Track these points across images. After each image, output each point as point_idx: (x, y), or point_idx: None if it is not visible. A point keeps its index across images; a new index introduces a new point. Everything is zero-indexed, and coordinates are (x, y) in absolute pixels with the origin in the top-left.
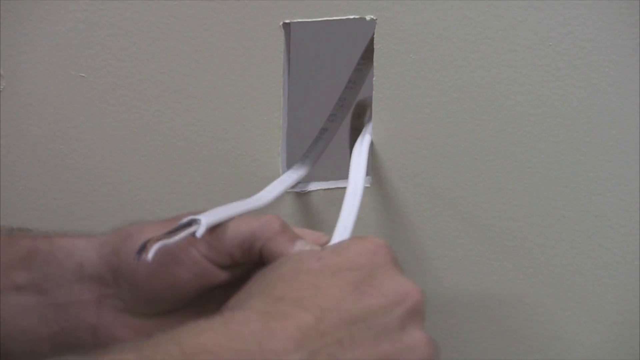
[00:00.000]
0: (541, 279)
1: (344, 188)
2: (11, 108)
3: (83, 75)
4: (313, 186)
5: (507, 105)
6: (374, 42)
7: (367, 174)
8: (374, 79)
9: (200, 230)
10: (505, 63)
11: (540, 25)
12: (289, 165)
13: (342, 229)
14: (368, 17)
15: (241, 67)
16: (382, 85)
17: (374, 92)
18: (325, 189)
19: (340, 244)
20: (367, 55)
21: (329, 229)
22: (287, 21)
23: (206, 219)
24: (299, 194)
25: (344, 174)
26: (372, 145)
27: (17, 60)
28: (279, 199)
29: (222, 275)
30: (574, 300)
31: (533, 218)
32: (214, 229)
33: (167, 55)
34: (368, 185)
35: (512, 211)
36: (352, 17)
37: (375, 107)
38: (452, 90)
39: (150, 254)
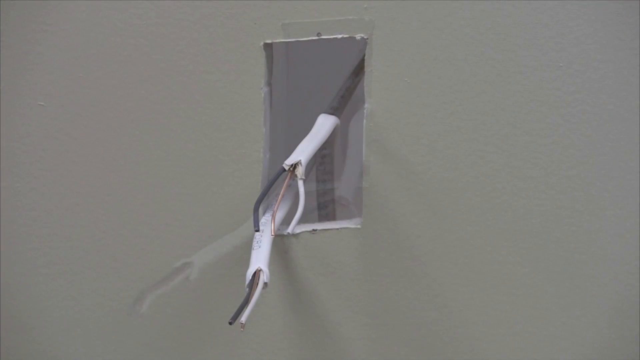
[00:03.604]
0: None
1: (330, 229)
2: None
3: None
4: (298, 228)
5: (514, 134)
6: (364, 62)
7: (358, 215)
8: (365, 105)
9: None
10: (511, 87)
11: (549, 44)
12: (268, 203)
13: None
14: (358, 36)
15: (218, 94)
16: (374, 112)
17: (364, 121)
18: (310, 231)
19: None
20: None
21: (315, 274)
22: (268, 41)
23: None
24: (283, 237)
25: None
26: (363, 184)
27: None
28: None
29: None
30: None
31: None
32: None
33: (135, 79)
34: (359, 226)
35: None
36: (340, 36)
37: (367, 137)
38: (452, 119)
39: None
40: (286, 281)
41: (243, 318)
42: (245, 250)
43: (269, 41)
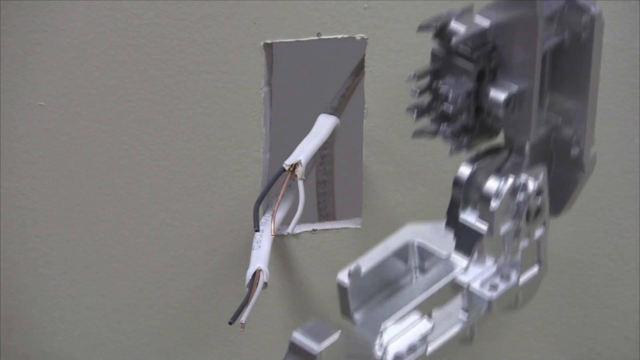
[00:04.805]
0: None
1: (330, 229)
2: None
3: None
4: (298, 228)
5: None
6: (364, 62)
7: (359, 215)
8: (365, 106)
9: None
10: None
11: None
12: (268, 203)
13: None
14: (358, 36)
15: (218, 94)
16: (374, 112)
17: (364, 121)
18: (310, 231)
19: None
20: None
21: (315, 274)
22: (268, 41)
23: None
24: (283, 237)
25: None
26: (363, 182)
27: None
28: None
29: None
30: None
31: None
32: None
33: (135, 79)
34: (359, 226)
35: None
36: (340, 36)
37: (367, 137)
38: None
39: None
40: (286, 281)
41: (243, 318)
42: (245, 251)
43: (269, 41)
